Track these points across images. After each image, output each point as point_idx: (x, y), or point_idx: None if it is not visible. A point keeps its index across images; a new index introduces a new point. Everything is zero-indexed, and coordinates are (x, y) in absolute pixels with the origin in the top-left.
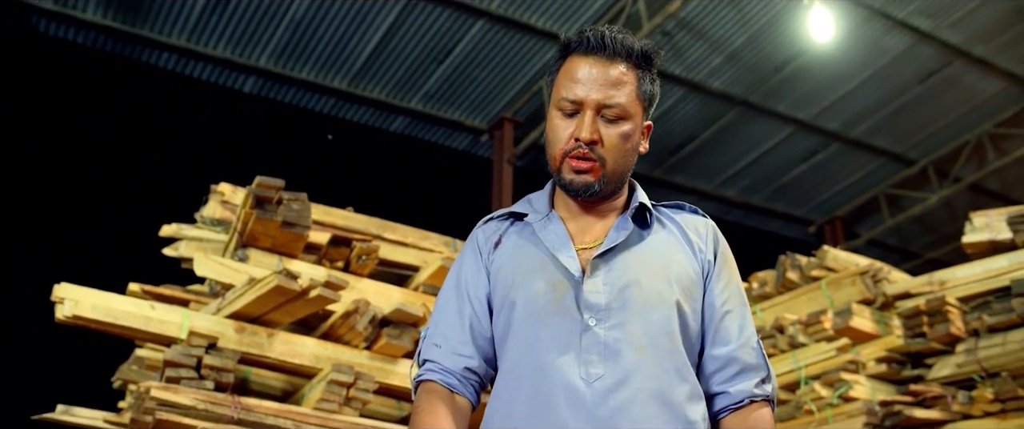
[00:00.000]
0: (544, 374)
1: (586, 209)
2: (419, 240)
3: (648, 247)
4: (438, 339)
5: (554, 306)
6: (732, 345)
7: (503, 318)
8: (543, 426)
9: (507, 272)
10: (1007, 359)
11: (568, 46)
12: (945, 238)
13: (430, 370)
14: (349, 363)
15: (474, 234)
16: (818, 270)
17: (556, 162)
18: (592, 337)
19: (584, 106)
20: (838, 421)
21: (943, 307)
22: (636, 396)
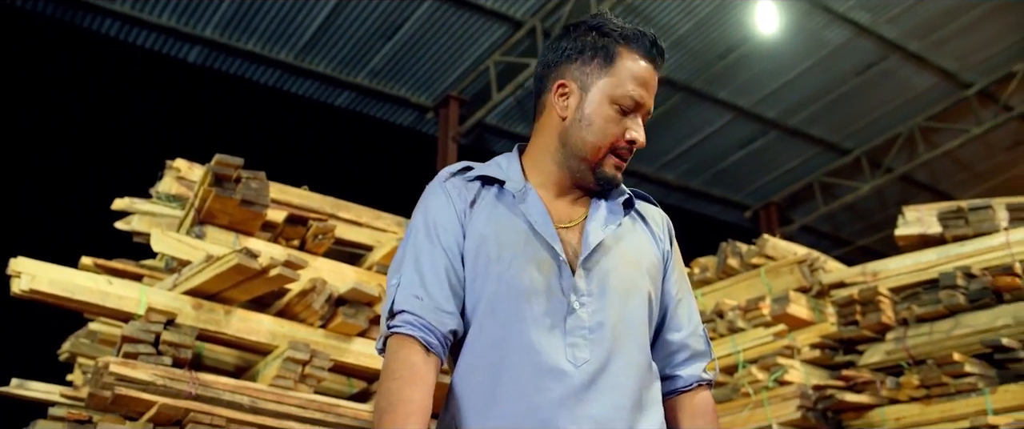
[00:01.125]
0: (530, 354)
1: (562, 188)
2: (372, 220)
3: (623, 236)
4: (417, 290)
5: (541, 285)
6: (684, 331)
7: (484, 289)
8: (531, 405)
9: (489, 240)
10: (933, 348)
11: (623, 38)
12: (876, 226)
13: (409, 323)
14: (305, 341)
15: (442, 186)
16: (758, 258)
17: (599, 153)
18: (577, 320)
19: (640, 109)
20: (773, 404)
21: (875, 297)
22: (617, 380)
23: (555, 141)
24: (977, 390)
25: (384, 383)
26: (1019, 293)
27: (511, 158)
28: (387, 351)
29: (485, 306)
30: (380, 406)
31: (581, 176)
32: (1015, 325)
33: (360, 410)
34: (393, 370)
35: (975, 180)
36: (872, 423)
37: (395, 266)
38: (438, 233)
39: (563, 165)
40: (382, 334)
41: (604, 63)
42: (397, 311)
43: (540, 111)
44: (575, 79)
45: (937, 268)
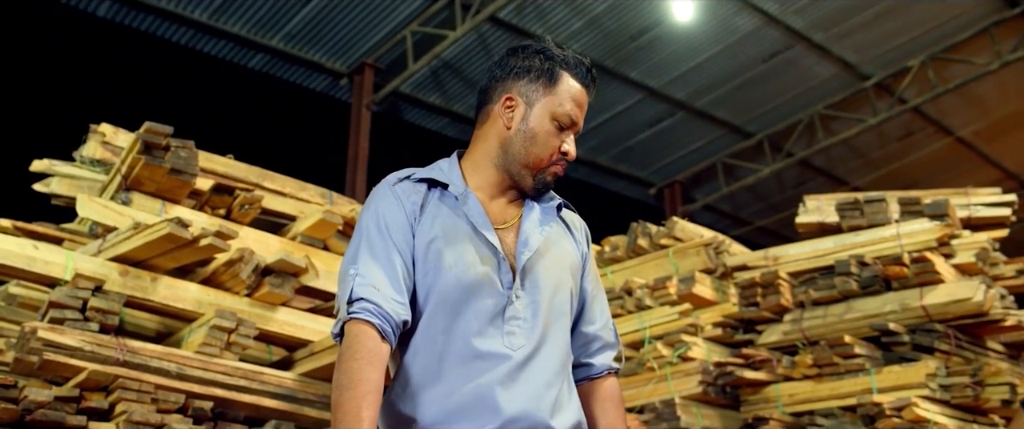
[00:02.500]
0: (474, 340)
1: (499, 191)
2: (297, 190)
3: (551, 238)
4: (375, 281)
5: (484, 280)
6: (598, 324)
7: (435, 283)
8: (472, 383)
9: (437, 240)
10: (826, 330)
11: (565, 64)
12: (774, 207)
13: (367, 311)
14: (231, 309)
15: (392, 189)
16: (667, 239)
17: (541, 163)
18: (513, 311)
19: (574, 127)
20: (677, 378)
21: (775, 280)
22: (545, 364)
23: (497, 148)
24: (864, 370)
25: (344, 363)
26: (906, 282)
27: (452, 163)
28: (346, 335)
29: (436, 298)
30: (341, 383)
31: (520, 180)
32: (901, 311)
33: (284, 378)
34: (354, 351)
35: (868, 167)
36: (768, 398)
37: (350, 257)
38: (391, 232)
39: (503, 169)
40: (340, 319)
41: (548, 83)
42: (356, 299)
43: (484, 119)
44: (522, 95)
45: (833, 256)
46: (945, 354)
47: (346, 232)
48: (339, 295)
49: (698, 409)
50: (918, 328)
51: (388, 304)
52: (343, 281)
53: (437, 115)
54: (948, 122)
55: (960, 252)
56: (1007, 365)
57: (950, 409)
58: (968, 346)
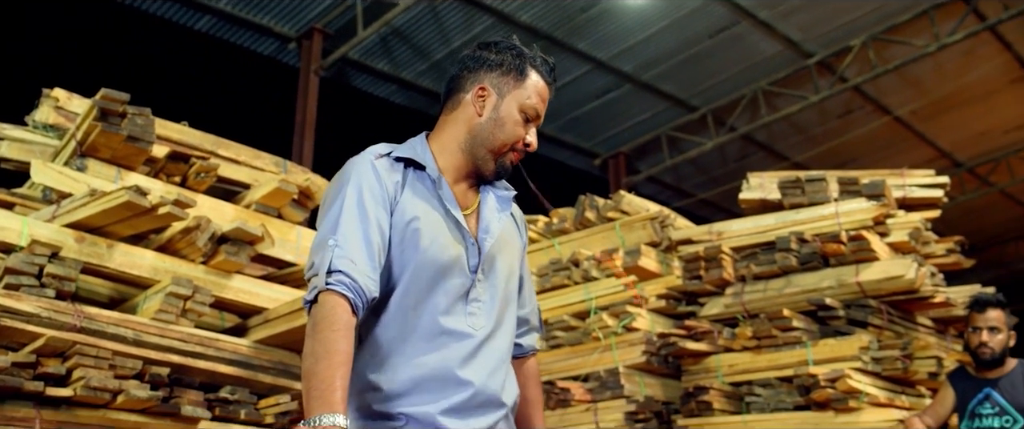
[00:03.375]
0: (439, 318)
1: (462, 175)
2: (251, 159)
3: (505, 226)
4: (352, 255)
5: (454, 262)
6: (527, 309)
7: (410, 260)
8: (439, 357)
9: (416, 220)
10: (766, 303)
11: (533, 62)
12: (716, 180)
13: (344, 284)
14: (186, 276)
15: (372, 164)
16: (613, 212)
17: (502, 148)
18: (476, 293)
19: (537, 119)
20: (621, 348)
21: (718, 255)
22: (500, 343)
23: (466, 133)
24: (801, 343)
25: (321, 333)
26: (843, 259)
27: (423, 145)
28: (321, 305)
29: (410, 275)
30: (316, 352)
31: (482, 165)
32: (838, 287)
33: (239, 344)
34: (329, 322)
35: (808, 143)
36: (708, 368)
37: (329, 227)
38: (370, 208)
39: (469, 154)
40: (316, 287)
41: (518, 78)
42: (334, 270)
43: (454, 106)
44: (494, 86)
45: (774, 232)
46: (878, 328)
47: (301, 201)
48: (316, 263)
49: (641, 378)
50: (853, 303)
51: (363, 279)
52: (321, 250)
53: (385, 82)
54: (887, 101)
55: (894, 231)
56: (935, 339)
57: (881, 381)
58: (899, 321)
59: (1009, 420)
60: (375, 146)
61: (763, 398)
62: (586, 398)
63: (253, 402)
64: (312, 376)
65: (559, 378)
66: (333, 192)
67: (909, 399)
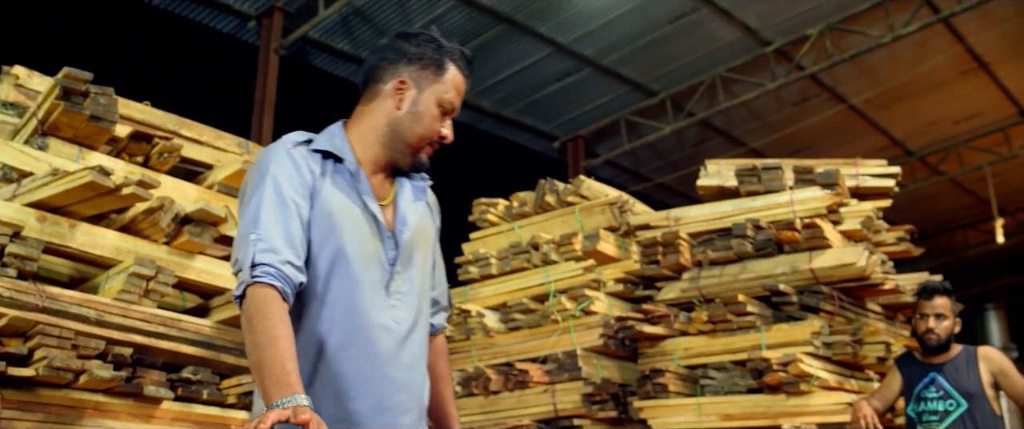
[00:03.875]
0: (362, 313)
1: (378, 167)
2: (213, 139)
3: (420, 215)
4: (275, 245)
5: (373, 255)
6: (439, 290)
7: (330, 253)
8: (368, 353)
9: (334, 213)
10: (722, 289)
11: (452, 56)
12: (673, 164)
13: (270, 275)
14: (149, 257)
15: (289, 153)
16: (573, 196)
17: (420, 142)
18: (396, 285)
19: (453, 112)
20: (579, 331)
21: (676, 240)
22: (419, 334)
23: (385, 126)
24: (755, 327)
25: (258, 323)
26: (797, 246)
27: (341, 136)
28: (251, 298)
29: (328, 268)
30: (259, 343)
31: (399, 158)
32: (791, 273)
33: (201, 325)
34: (264, 312)
35: (765, 130)
36: (664, 352)
37: (250, 221)
38: (289, 197)
39: (387, 146)
40: (243, 282)
41: (437, 71)
42: (258, 263)
43: (372, 97)
44: (413, 79)
45: (731, 219)
46: (829, 314)
47: None
48: (240, 258)
49: (598, 360)
50: (806, 289)
51: (287, 268)
52: (243, 245)
53: (346, 62)
54: (842, 90)
55: (847, 219)
56: (884, 325)
57: (831, 365)
58: (850, 307)
59: (953, 404)
60: (291, 134)
61: (717, 381)
62: (544, 380)
63: (216, 382)
64: (261, 366)
65: (517, 360)
66: (251, 184)
67: (858, 383)
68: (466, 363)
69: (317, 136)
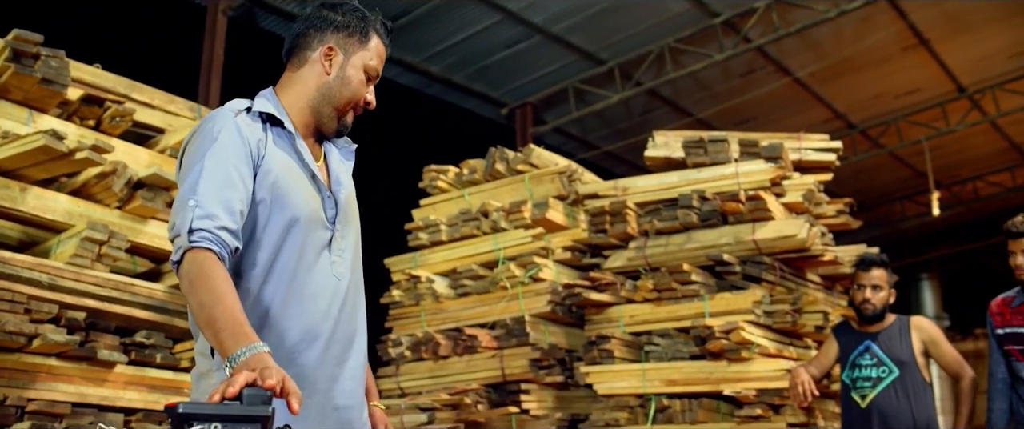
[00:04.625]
0: (310, 271)
1: (308, 130)
2: (165, 103)
3: (349, 174)
4: (212, 211)
5: (316, 215)
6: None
7: (276, 215)
8: (315, 308)
9: (278, 177)
10: (667, 258)
11: (375, 25)
12: (620, 133)
13: (207, 239)
14: (102, 221)
15: (234, 121)
16: (523, 165)
17: (347, 105)
18: (336, 243)
19: (376, 79)
20: (527, 297)
21: (623, 210)
22: (357, 287)
23: (315, 90)
24: (699, 296)
25: (201, 284)
26: (741, 217)
27: (275, 100)
28: (190, 262)
29: (277, 231)
30: (205, 301)
31: (325, 122)
32: (735, 244)
33: (154, 289)
34: (207, 274)
35: (711, 100)
36: (610, 318)
37: (189, 187)
38: (231, 163)
39: (317, 111)
40: (180, 247)
41: (362, 40)
42: (194, 228)
43: (300, 64)
44: (340, 47)
45: (677, 189)
46: (770, 284)
47: None
48: (177, 223)
49: (546, 326)
50: (748, 259)
51: (223, 233)
52: (181, 211)
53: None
54: (787, 63)
55: (789, 192)
56: (822, 295)
57: (771, 333)
58: (790, 277)
59: (885, 370)
60: (233, 102)
61: (661, 347)
62: (492, 345)
63: (169, 346)
64: (213, 322)
65: (467, 325)
66: (194, 150)
67: (797, 350)
68: (416, 328)
69: (254, 101)
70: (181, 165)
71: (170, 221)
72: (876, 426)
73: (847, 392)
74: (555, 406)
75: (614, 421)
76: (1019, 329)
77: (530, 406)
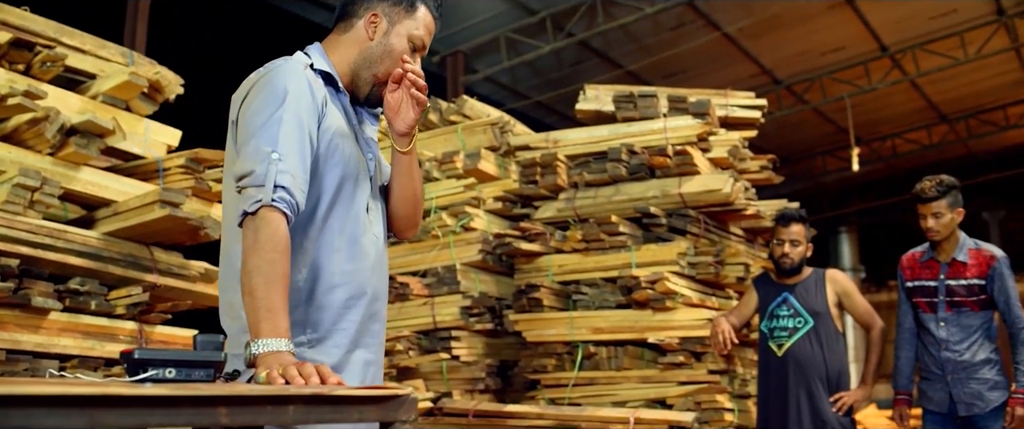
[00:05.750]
0: (356, 229)
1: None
2: (97, 48)
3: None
4: (293, 169)
5: (363, 174)
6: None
7: (334, 173)
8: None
9: (337, 135)
10: (595, 209)
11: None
12: (551, 83)
13: (285, 201)
14: (34, 167)
15: (304, 77)
16: (456, 115)
17: (386, 74)
18: (372, 204)
19: (423, 51)
20: (459, 246)
21: (554, 162)
22: (385, 244)
23: (357, 54)
24: (626, 247)
25: (266, 253)
26: (668, 171)
27: (327, 59)
28: (265, 221)
29: (331, 189)
30: (262, 271)
31: (361, 87)
32: (662, 197)
33: (88, 236)
34: (275, 242)
35: (641, 53)
36: (539, 268)
37: (269, 138)
38: (306, 121)
39: (356, 75)
40: (259, 201)
41: (409, 9)
42: (279, 185)
43: (346, 29)
44: (385, 14)
45: (607, 143)
46: (695, 236)
47: (149, 94)
48: (258, 172)
49: (476, 275)
50: (674, 212)
51: (299, 194)
52: (263, 161)
53: None
54: (717, 17)
55: (715, 147)
56: (744, 247)
57: (695, 283)
58: (714, 230)
59: (801, 321)
60: (298, 55)
61: (589, 296)
62: (424, 293)
63: (103, 293)
64: (255, 296)
65: (399, 273)
66: (268, 98)
67: (718, 300)
68: None
69: (311, 57)
70: (245, 112)
71: (245, 165)
72: (791, 373)
73: (765, 341)
74: (485, 353)
75: (542, 367)
76: (927, 283)
77: (460, 352)
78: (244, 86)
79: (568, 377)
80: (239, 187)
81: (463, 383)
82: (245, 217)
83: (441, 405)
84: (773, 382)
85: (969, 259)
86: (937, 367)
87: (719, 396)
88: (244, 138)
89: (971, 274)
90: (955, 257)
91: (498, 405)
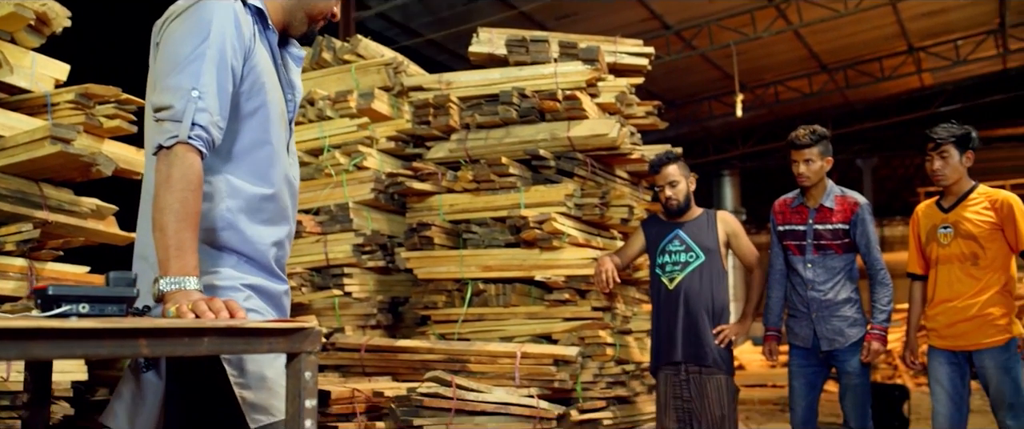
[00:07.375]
0: (278, 168)
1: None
2: None
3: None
4: (209, 106)
5: (282, 115)
6: None
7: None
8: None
9: (262, 72)
10: (486, 151)
11: None
12: (443, 21)
13: (201, 139)
14: None
15: (233, 13)
16: (350, 55)
17: (319, 14)
18: (291, 145)
19: None
20: (351, 185)
21: (446, 103)
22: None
23: None
24: (515, 188)
25: (179, 191)
26: (557, 115)
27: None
28: (180, 158)
29: (253, 124)
30: (173, 209)
31: (296, 26)
32: (551, 140)
33: None
34: (189, 180)
35: None
36: (431, 207)
37: (192, 75)
38: (230, 57)
39: (290, 14)
40: (175, 136)
41: None
42: (196, 122)
43: None
44: None
45: (499, 86)
46: (582, 178)
47: (36, 27)
48: (176, 108)
49: (369, 213)
50: (562, 155)
51: (216, 132)
52: (182, 96)
53: None
54: None
55: (604, 93)
56: (629, 190)
57: (581, 224)
58: (600, 173)
59: (693, 255)
60: None
61: (479, 235)
62: (317, 230)
63: None
64: (166, 233)
65: None
66: (192, 31)
67: (603, 241)
68: None
69: None
70: (168, 40)
71: (162, 99)
72: (681, 305)
73: (657, 278)
74: (376, 289)
75: (432, 304)
76: (796, 226)
77: (352, 289)
78: (171, 11)
79: (458, 313)
80: (157, 118)
81: (355, 319)
82: (160, 150)
83: (334, 340)
84: (664, 313)
85: (835, 205)
86: (803, 306)
87: (602, 332)
88: (166, 69)
89: (837, 219)
90: (822, 203)
91: (389, 340)
